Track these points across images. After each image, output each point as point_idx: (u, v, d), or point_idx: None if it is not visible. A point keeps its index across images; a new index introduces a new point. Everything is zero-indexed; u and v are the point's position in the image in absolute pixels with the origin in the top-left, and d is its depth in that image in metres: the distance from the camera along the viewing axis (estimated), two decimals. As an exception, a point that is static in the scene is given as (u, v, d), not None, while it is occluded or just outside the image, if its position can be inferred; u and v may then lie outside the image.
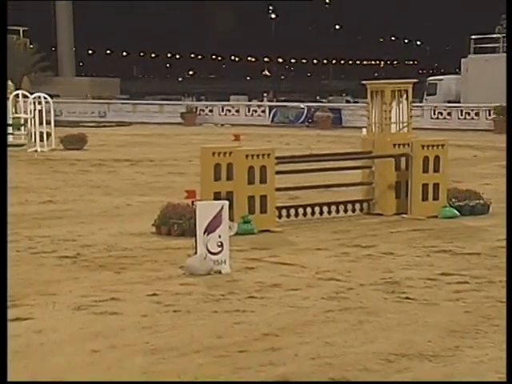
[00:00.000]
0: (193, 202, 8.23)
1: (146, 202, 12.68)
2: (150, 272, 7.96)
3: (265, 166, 10.19)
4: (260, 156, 10.21)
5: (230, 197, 9.86)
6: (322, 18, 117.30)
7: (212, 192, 10.15)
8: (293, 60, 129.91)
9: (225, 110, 39.20)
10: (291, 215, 10.95)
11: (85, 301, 6.84)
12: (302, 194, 12.14)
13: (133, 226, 10.54)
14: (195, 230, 7.89)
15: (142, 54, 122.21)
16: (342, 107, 38.65)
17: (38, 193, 13.84)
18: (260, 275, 7.84)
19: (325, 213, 11.20)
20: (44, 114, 22.58)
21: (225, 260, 7.90)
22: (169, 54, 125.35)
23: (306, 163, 12.17)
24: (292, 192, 11.87)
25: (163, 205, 10.22)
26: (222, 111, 39.16)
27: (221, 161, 10.32)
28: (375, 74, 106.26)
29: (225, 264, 7.89)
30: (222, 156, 10.33)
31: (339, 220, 11.12)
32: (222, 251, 7.87)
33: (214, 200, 9.43)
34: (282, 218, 10.75)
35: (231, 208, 8.86)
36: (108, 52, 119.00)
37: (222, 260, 7.88)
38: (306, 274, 7.89)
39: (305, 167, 11.76)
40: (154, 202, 11.93)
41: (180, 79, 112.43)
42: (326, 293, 7.13)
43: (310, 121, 36.62)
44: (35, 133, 22.46)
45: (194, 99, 50.55)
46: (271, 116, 38.40)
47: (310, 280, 7.66)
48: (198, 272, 7.75)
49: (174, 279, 7.66)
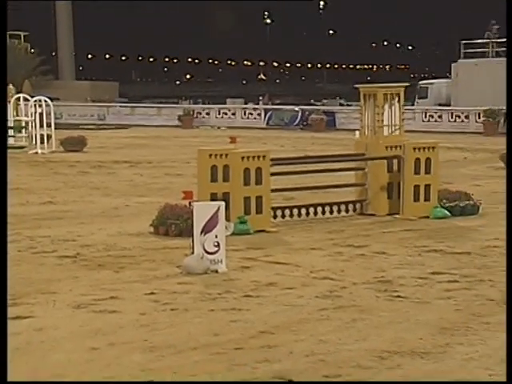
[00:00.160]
0: (190, 202, 8.29)
1: (145, 202, 12.73)
2: (148, 271, 8.00)
3: (260, 167, 10.24)
4: (256, 158, 10.25)
5: (226, 198, 9.91)
6: (316, 23, 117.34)
7: (209, 193, 10.21)
8: (288, 64, 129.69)
9: (221, 113, 39.21)
10: (286, 216, 11.00)
11: (84, 299, 6.88)
12: (296, 195, 12.16)
13: (131, 226, 10.59)
14: (192, 230, 7.93)
15: (140, 58, 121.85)
16: (335, 110, 38.70)
17: (39, 194, 13.88)
18: (256, 274, 7.89)
19: (319, 213, 11.26)
20: (44, 117, 22.66)
21: (221, 259, 7.94)
22: (167, 59, 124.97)
23: (300, 165, 12.27)
24: (287, 193, 11.89)
25: (161, 205, 10.27)
26: (219, 114, 39.17)
27: (217, 162, 10.39)
28: (368, 78, 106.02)
29: (221, 263, 7.94)
30: (219, 158, 10.41)
31: (333, 220, 11.17)
32: (219, 251, 7.92)
33: (211, 201, 9.48)
34: (277, 219, 10.80)
35: (227, 208, 8.94)
36: (107, 56, 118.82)
37: (218, 259, 7.93)
38: (300, 273, 7.94)
39: (299, 169, 11.85)
40: (152, 202, 11.98)
41: (178, 83, 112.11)
42: (320, 291, 7.18)
43: (305, 123, 36.64)
44: (36, 135, 22.57)
45: (192, 102, 50.51)
46: (266, 119, 38.43)
47: (305, 279, 7.70)
48: (195, 271, 7.79)
49: (172, 278, 7.70)
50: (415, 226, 10.69)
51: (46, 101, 23.34)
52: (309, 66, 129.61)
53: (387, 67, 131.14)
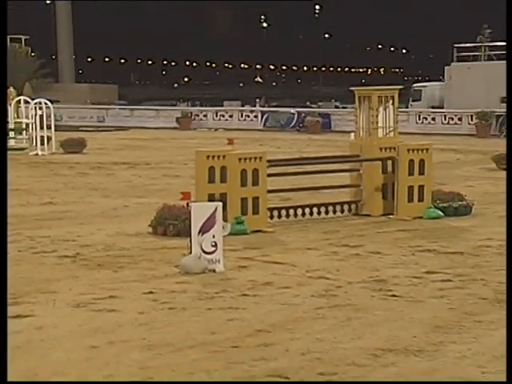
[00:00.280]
0: (188, 203, 8.31)
1: (143, 203, 12.77)
2: (147, 271, 8.04)
3: (257, 168, 10.29)
4: (252, 159, 10.30)
5: (223, 198, 9.95)
6: (312, 27, 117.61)
7: (206, 194, 10.26)
8: (284, 67, 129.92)
9: (219, 115, 39.30)
10: (282, 216, 11.06)
11: (84, 298, 6.92)
12: (292, 196, 12.20)
13: (130, 226, 10.62)
14: (190, 231, 7.97)
15: (139, 61, 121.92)
16: (331, 112, 38.89)
17: (39, 195, 13.92)
18: (252, 274, 7.93)
19: (315, 214, 11.32)
20: (45, 119, 22.73)
21: (219, 259, 7.99)
22: (165, 62, 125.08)
23: (296, 166, 12.34)
24: (283, 194, 11.92)
25: (159, 206, 10.32)
26: (216, 116, 39.26)
27: (215, 164, 10.43)
28: (363, 81, 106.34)
29: (219, 263, 7.98)
30: (216, 159, 10.45)
31: (328, 221, 11.23)
32: (216, 251, 7.96)
33: (209, 201, 9.53)
34: (273, 219, 10.85)
35: (225, 209, 8.95)
36: (106, 59, 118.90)
37: (215, 259, 7.97)
38: (296, 273, 7.98)
39: (296, 170, 11.93)
40: (151, 203, 12.04)
41: (176, 85, 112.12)
42: (316, 290, 7.22)
43: (301, 125, 36.76)
44: (36, 137, 22.66)
45: (189, 105, 50.69)
46: (263, 121, 38.54)
47: (301, 278, 7.74)
48: (193, 271, 7.83)
49: (170, 278, 7.73)
50: (409, 227, 10.75)
51: (46, 103, 23.44)
52: (305, 69, 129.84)
53: (381, 70, 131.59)
